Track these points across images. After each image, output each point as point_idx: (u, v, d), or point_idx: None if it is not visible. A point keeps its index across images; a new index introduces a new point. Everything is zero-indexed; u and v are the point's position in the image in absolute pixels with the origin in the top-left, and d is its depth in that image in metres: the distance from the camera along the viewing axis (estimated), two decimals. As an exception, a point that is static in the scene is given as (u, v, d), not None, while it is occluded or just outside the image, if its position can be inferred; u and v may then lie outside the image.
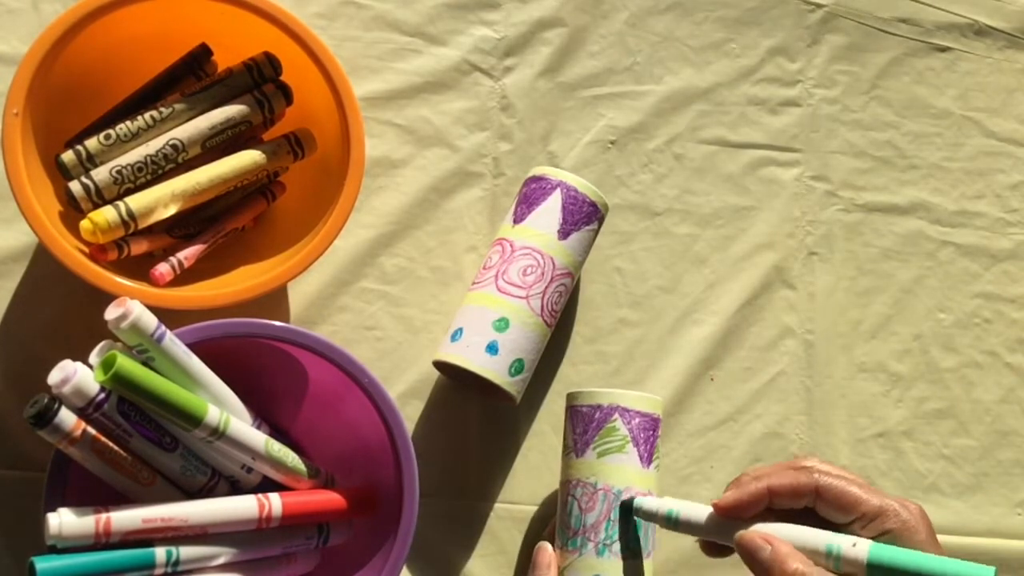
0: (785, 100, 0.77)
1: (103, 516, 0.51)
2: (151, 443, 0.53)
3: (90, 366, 0.52)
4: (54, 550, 0.50)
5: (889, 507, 0.49)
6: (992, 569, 0.45)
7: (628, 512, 0.58)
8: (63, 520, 0.50)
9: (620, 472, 0.59)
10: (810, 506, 0.50)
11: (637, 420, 0.60)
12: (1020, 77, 0.81)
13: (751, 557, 0.49)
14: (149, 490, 0.54)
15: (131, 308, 0.51)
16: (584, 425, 0.61)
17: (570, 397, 0.62)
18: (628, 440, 0.59)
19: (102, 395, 0.51)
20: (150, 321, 0.52)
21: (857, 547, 0.48)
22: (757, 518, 0.51)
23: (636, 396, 0.60)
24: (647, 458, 0.60)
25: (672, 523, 0.55)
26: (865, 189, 0.77)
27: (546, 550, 0.59)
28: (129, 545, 0.51)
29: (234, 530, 0.55)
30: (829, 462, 0.53)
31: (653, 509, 0.56)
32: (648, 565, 0.59)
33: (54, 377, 0.50)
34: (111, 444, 0.52)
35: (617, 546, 0.58)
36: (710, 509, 0.53)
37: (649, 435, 0.60)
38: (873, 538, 0.48)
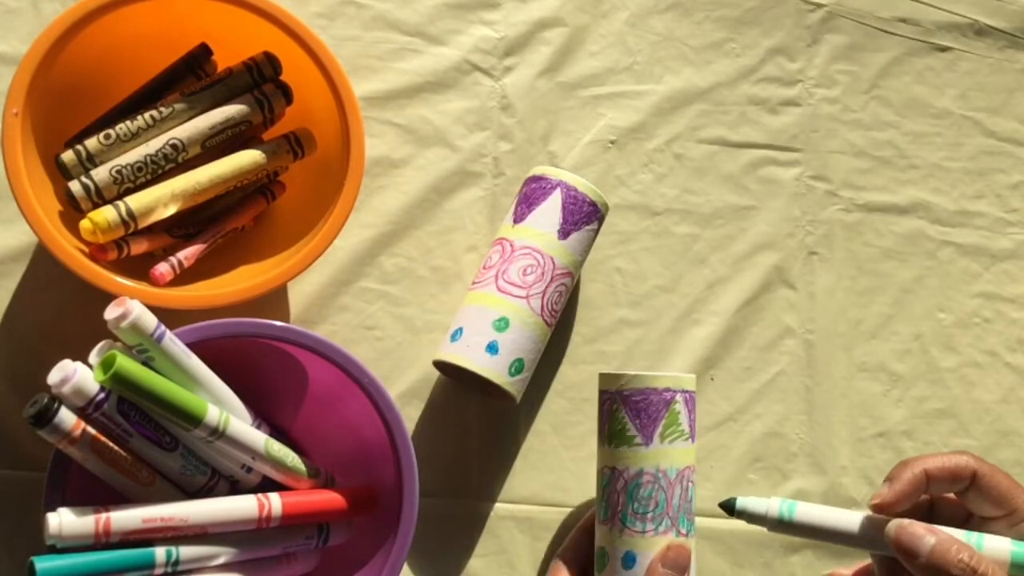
0: (785, 100, 0.77)
1: (103, 516, 0.51)
2: (151, 443, 0.53)
3: (90, 366, 0.52)
4: (54, 550, 0.50)
5: None
6: None
7: (730, 513, 0.55)
8: (63, 520, 0.50)
9: None
10: (960, 493, 0.48)
11: None
12: (1020, 77, 0.81)
13: (912, 549, 0.45)
14: (149, 490, 0.54)
15: (131, 308, 0.51)
16: (694, 412, 0.59)
17: (676, 381, 0.58)
18: None
19: (102, 395, 0.51)
20: (150, 321, 0.52)
21: (999, 545, 0.46)
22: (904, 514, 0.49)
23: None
24: None
25: (784, 526, 0.51)
26: (865, 189, 0.77)
27: (685, 549, 0.54)
28: (129, 545, 0.51)
29: (234, 530, 0.55)
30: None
31: (762, 512, 0.52)
32: None
33: (54, 377, 0.50)
34: (111, 444, 0.52)
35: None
36: (829, 509, 0.50)
37: None
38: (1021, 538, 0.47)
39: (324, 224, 0.60)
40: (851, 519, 0.50)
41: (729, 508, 0.54)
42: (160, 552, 0.52)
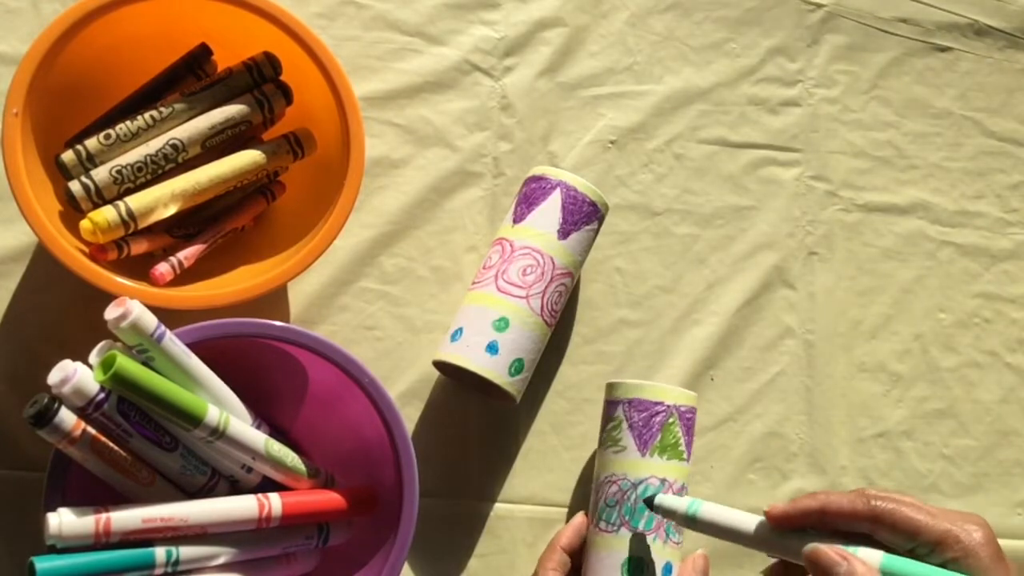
0: (785, 100, 0.77)
1: (103, 516, 0.51)
2: (151, 443, 0.53)
3: (90, 366, 0.52)
4: (54, 550, 0.50)
5: (950, 535, 0.48)
6: None
7: (650, 507, 0.59)
8: (63, 520, 0.50)
9: None
10: (867, 532, 0.50)
11: None
12: (1020, 77, 0.81)
13: (826, 572, 0.48)
14: (149, 490, 0.54)
15: (131, 308, 0.51)
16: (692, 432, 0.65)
17: (679, 396, 0.63)
18: None
19: (102, 395, 0.51)
20: (150, 321, 0.52)
21: (871, 557, 0.48)
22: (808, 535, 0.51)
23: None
24: None
25: (691, 523, 0.55)
26: (865, 189, 0.77)
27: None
28: (129, 545, 0.51)
29: (234, 530, 0.55)
30: (885, 490, 0.52)
31: (672, 507, 0.56)
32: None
33: (54, 377, 0.50)
34: (111, 444, 0.52)
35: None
36: (733, 511, 0.54)
37: None
38: (939, 565, 0.48)
39: (324, 224, 0.60)
40: (750, 522, 0.53)
41: (649, 502, 0.58)
42: (160, 552, 0.52)
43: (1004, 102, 0.80)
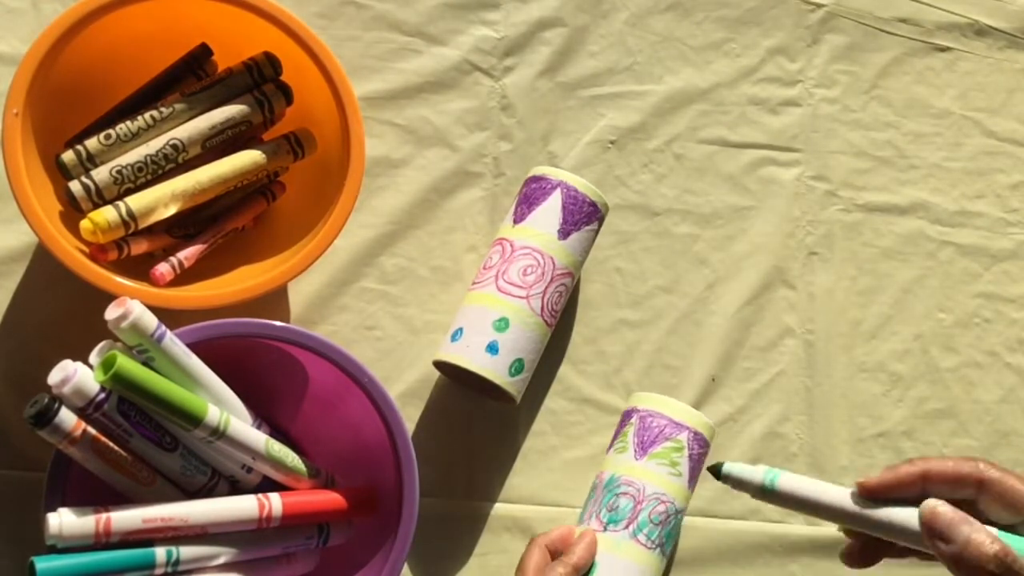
0: (785, 100, 0.77)
1: (103, 516, 0.51)
2: (151, 443, 0.53)
3: (90, 366, 0.52)
4: (54, 550, 0.50)
5: None
6: None
7: (717, 476, 0.52)
8: (63, 520, 0.50)
9: None
10: (971, 499, 0.46)
11: None
12: (1020, 77, 0.81)
13: (946, 531, 0.44)
14: (149, 490, 0.54)
15: (131, 308, 0.51)
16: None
17: (702, 426, 0.64)
18: None
19: (102, 395, 0.51)
20: (150, 321, 0.52)
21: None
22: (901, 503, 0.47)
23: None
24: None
25: (767, 495, 0.50)
26: (865, 189, 0.77)
27: None
28: (129, 545, 0.52)
29: (234, 530, 0.55)
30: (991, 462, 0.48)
31: (744, 478, 0.51)
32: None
33: (54, 377, 0.50)
34: (111, 444, 0.52)
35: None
36: (815, 482, 0.49)
37: None
38: None
39: (324, 224, 0.60)
40: (835, 494, 0.49)
41: (716, 472, 0.52)
42: (160, 552, 0.52)
43: (1004, 102, 0.80)
